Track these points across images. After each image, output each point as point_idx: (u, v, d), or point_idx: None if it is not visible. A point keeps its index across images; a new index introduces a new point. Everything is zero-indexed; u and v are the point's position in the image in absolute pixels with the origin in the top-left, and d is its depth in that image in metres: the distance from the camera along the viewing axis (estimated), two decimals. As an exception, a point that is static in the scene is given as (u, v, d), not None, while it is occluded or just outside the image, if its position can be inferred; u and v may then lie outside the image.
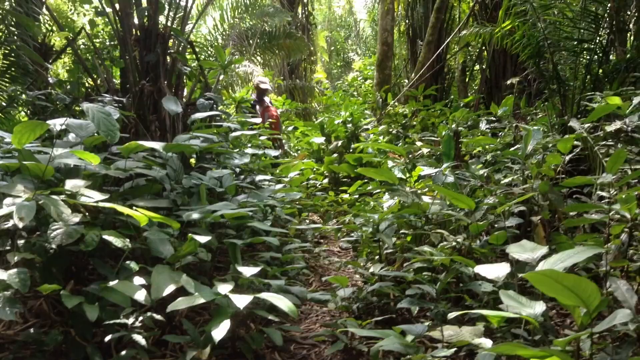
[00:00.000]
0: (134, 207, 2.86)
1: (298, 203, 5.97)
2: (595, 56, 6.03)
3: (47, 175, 2.91)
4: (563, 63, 6.30)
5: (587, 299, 1.91)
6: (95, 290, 2.71)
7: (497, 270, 2.65)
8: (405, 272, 3.57)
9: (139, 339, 2.55)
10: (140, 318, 2.66)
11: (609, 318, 2.00)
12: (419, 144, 6.25)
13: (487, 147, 5.57)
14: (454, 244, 3.62)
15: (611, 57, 6.66)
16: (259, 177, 5.28)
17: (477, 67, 13.34)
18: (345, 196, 6.51)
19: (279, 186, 5.41)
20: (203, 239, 3.01)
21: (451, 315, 2.28)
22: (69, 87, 5.41)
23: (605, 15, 5.91)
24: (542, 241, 3.77)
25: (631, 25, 6.42)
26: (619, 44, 7.20)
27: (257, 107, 8.82)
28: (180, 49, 5.76)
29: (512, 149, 5.06)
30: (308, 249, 5.22)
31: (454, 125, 5.70)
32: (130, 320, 2.60)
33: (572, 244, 3.36)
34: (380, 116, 10.17)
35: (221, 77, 6.29)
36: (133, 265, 2.89)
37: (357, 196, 5.90)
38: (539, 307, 2.24)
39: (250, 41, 13.56)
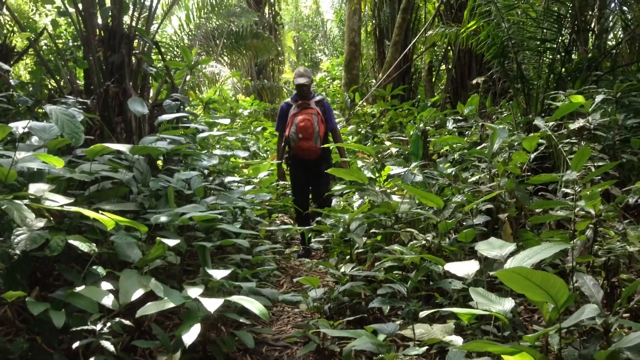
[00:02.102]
0: (100, 211, 2.81)
1: (268, 204, 5.94)
2: (558, 55, 6.15)
3: (10, 179, 2.83)
4: (527, 62, 6.41)
5: (556, 294, 1.94)
6: (61, 296, 2.65)
7: (466, 268, 2.68)
8: (376, 272, 3.58)
9: (108, 345, 2.50)
10: (108, 324, 2.61)
11: (577, 313, 2.04)
12: (387, 143, 6.29)
13: (454, 146, 5.62)
14: (423, 242, 3.65)
15: (573, 56, 6.81)
16: (228, 179, 5.24)
17: (443, 66, 13.48)
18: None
19: (248, 187, 5.37)
20: (172, 242, 2.96)
21: (423, 313, 2.30)
22: (31, 89, 5.28)
23: (568, 15, 6.04)
24: (509, 238, 3.82)
25: (592, 25, 6.56)
26: (581, 44, 7.37)
27: (293, 109, 5.88)
28: (146, 49, 5.68)
29: (478, 147, 5.12)
30: (279, 251, 5.20)
31: (421, 125, 5.75)
32: (98, 326, 2.54)
33: (538, 240, 3.42)
34: (349, 116, 10.20)
35: (188, 77, 6.22)
36: (100, 270, 2.83)
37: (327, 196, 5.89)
38: (508, 303, 2.27)
39: (217, 41, 13.45)
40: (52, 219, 2.89)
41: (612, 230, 3.22)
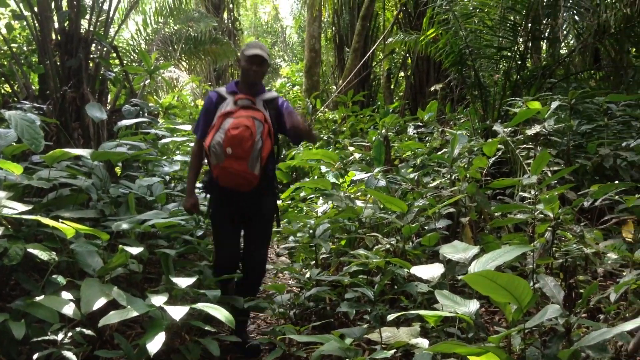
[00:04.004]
0: (60, 219, 2.74)
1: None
2: (514, 63, 6.31)
3: (-36, 186, 2.74)
4: (484, 70, 6.55)
5: (520, 296, 1.99)
6: (20, 306, 2.57)
7: (432, 271, 2.72)
8: (341, 276, 3.59)
9: (69, 355, 2.43)
10: (70, 334, 2.54)
11: (540, 313, 2.09)
12: (350, 149, 6.32)
13: (416, 151, 5.70)
14: (388, 246, 3.68)
15: (528, 64, 6.99)
16: (189, 185, 5.17)
17: (401, 73, 13.67)
18: (278, 202, 6.49)
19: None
20: (134, 250, 2.91)
21: (390, 316, 2.32)
22: (-17, 93, 5.12)
23: (522, 24, 6.20)
24: (470, 241, 3.89)
25: (546, 34, 6.76)
26: (535, 52, 7.59)
27: (225, 104, 3.52)
28: (104, 53, 5.58)
29: (439, 152, 5.21)
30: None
31: (383, 131, 5.81)
32: (59, 337, 2.47)
33: (499, 243, 3.49)
34: (311, 122, 10.22)
35: (147, 82, 6.13)
36: (60, 279, 2.76)
37: (289, 202, 5.90)
38: (473, 305, 2.31)
39: (175, 46, 13.29)
40: (9, 227, 2.80)
41: (570, 232, 3.32)
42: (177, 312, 2.61)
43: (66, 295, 2.68)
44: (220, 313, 2.79)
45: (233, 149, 3.32)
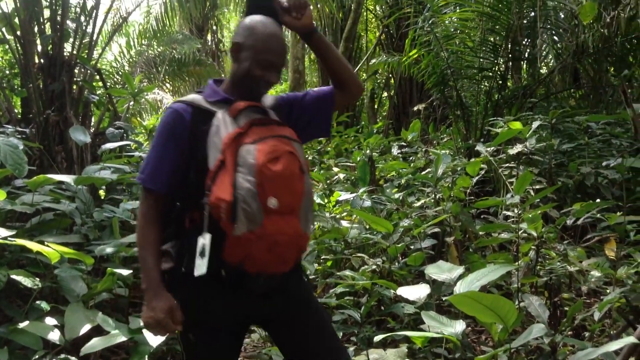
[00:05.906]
0: (45, 243, 2.71)
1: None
2: (495, 83, 6.41)
3: (-55, 212, 2.71)
4: (465, 90, 6.63)
5: (505, 316, 2.00)
6: (3, 333, 2.54)
7: (418, 292, 2.73)
8: (328, 298, 3.58)
9: (53, 383, 2.40)
10: (53, 361, 2.51)
11: (526, 333, 2.11)
12: (335, 169, 6.34)
13: (401, 171, 5.74)
14: (374, 267, 3.69)
15: (509, 83, 7.10)
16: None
17: (385, 94, 13.79)
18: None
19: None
20: (124, 271, 2.89)
21: (377, 338, 2.32)
22: (-35, 117, 5.09)
23: (503, 44, 6.31)
24: (455, 261, 3.91)
25: (526, 54, 6.88)
26: (515, 72, 7.71)
27: (224, 124, 1.79)
28: (87, 76, 5.58)
29: (423, 172, 5.25)
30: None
31: (368, 151, 5.85)
32: (43, 365, 2.44)
33: (484, 262, 3.52)
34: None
35: (132, 104, 6.12)
36: (44, 305, 2.73)
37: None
38: (460, 326, 2.32)
39: (159, 68, 13.31)
40: (-8, 253, 2.77)
41: (553, 251, 3.36)
42: (154, 339, 2.58)
43: (50, 321, 2.65)
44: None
45: (280, 199, 1.75)
